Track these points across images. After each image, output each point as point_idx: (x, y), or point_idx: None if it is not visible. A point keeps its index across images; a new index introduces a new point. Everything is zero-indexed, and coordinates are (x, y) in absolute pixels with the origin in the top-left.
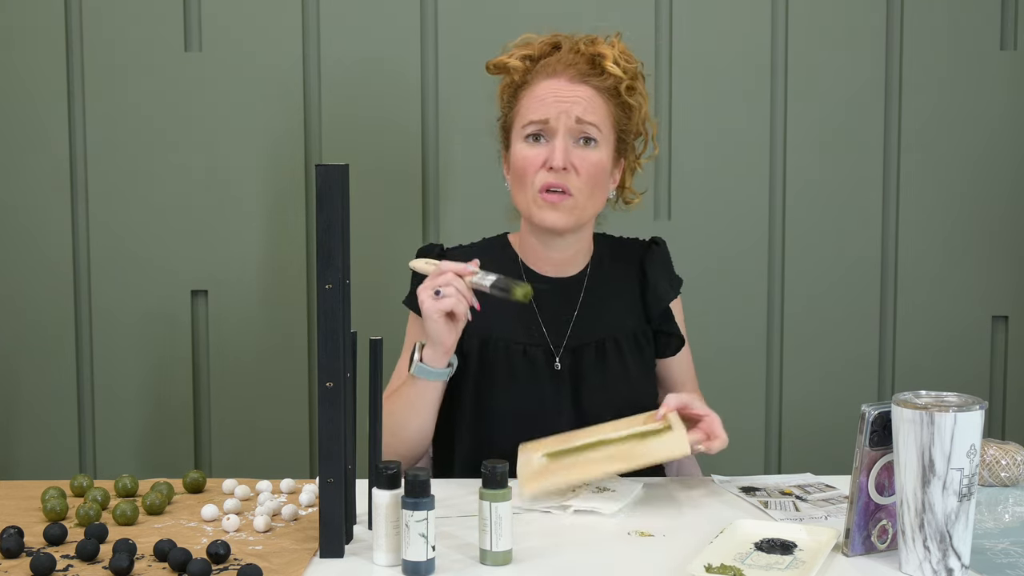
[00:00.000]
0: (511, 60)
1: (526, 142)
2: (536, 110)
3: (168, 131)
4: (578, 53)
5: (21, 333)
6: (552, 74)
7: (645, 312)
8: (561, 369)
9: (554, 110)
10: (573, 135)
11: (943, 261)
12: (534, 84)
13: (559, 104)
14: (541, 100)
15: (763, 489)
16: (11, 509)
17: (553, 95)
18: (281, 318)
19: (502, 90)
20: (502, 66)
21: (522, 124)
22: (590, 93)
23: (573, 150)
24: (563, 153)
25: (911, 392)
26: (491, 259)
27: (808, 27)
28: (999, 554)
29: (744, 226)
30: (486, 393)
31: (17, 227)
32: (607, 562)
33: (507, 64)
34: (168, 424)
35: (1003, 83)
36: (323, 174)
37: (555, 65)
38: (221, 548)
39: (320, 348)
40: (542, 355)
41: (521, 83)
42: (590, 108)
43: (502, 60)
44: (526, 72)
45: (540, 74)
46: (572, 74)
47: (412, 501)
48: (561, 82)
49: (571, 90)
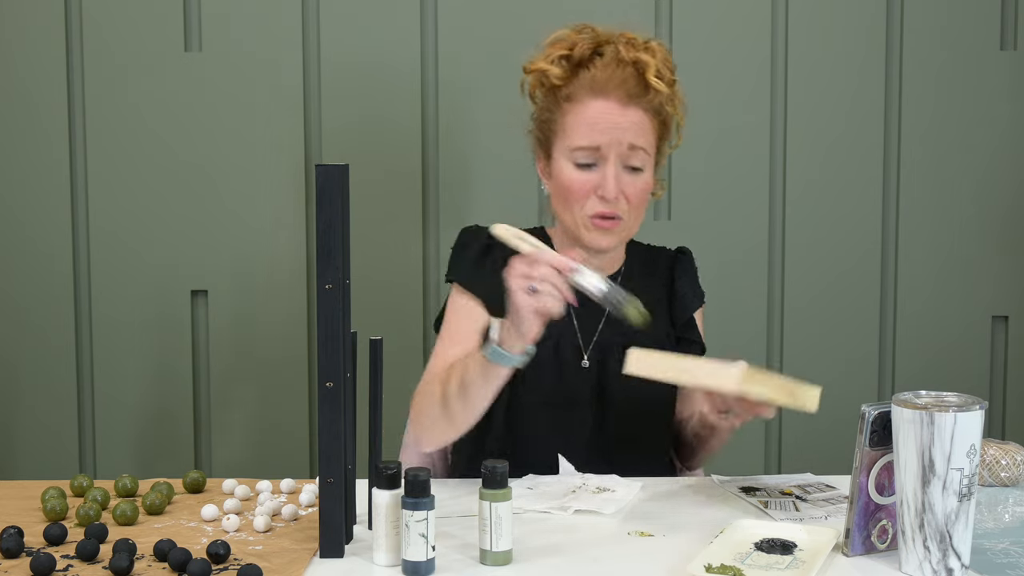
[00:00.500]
0: (551, 67)
1: (576, 167)
2: (587, 135)
3: (168, 131)
4: (622, 63)
5: (21, 333)
6: (601, 93)
7: (671, 318)
8: (589, 367)
9: (606, 138)
10: (623, 160)
11: (943, 261)
12: (581, 101)
13: (611, 132)
14: (592, 126)
15: (763, 489)
16: (11, 509)
17: (605, 120)
18: (281, 318)
19: (534, 87)
20: (541, 72)
21: (571, 146)
22: (639, 117)
23: (623, 176)
24: (616, 184)
25: (911, 392)
26: None
27: (808, 27)
28: (999, 554)
29: (744, 226)
30: (519, 384)
31: (17, 227)
32: (607, 562)
33: (546, 71)
34: (168, 424)
35: (1003, 83)
36: (323, 174)
37: (604, 83)
38: (221, 548)
39: (320, 348)
40: (571, 351)
41: (562, 89)
42: (640, 133)
43: (540, 66)
44: (567, 79)
45: (587, 90)
46: (621, 95)
47: (412, 501)
48: (611, 105)
49: (622, 114)
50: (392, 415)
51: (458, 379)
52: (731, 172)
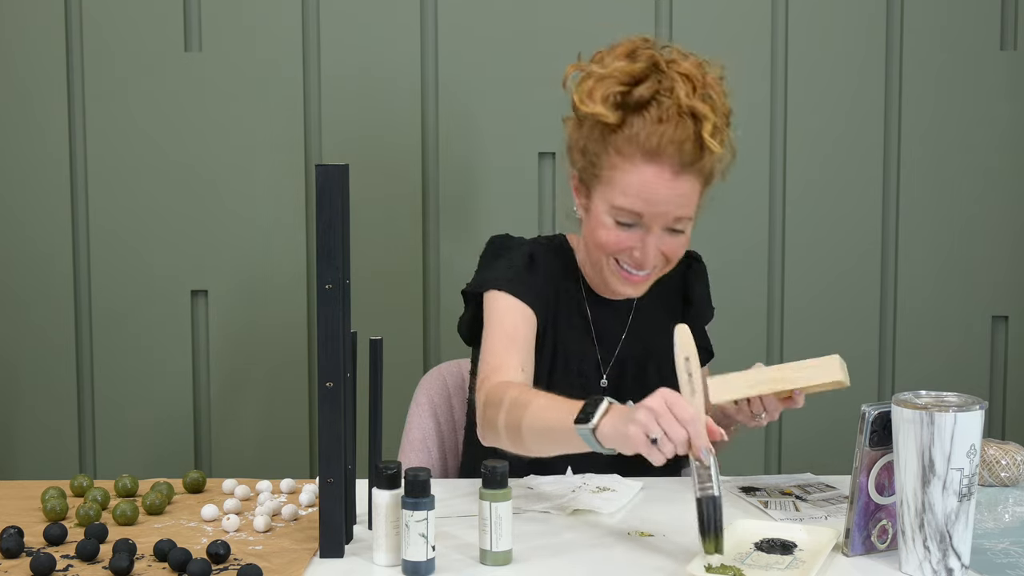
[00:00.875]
0: (605, 112)
1: (616, 223)
2: (633, 202)
3: (168, 131)
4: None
5: (21, 333)
6: (654, 158)
7: None
8: (608, 386)
9: (652, 209)
10: (665, 226)
11: (943, 261)
12: (632, 162)
13: (659, 204)
14: (639, 194)
15: (763, 489)
16: (11, 509)
17: (654, 192)
18: (281, 318)
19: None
20: (596, 117)
21: (613, 203)
22: (688, 187)
23: (663, 238)
24: (655, 253)
25: (911, 392)
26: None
27: (808, 27)
28: (999, 554)
29: (744, 226)
30: None
31: (17, 226)
32: (607, 562)
33: (600, 116)
34: (168, 424)
35: (1003, 83)
36: (323, 174)
37: (658, 147)
38: (221, 548)
39: (320, 348)
40: (592, 370)
41: (614, 135)
42: (687, 203)
43: (591, 108)
44: (619, 123)
45: (640, 150)
46: (675, 162)
47: (412, 501)
48: (663, 173)
49: (673, 186)
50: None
51: (535, 418)
52: (731, 172)
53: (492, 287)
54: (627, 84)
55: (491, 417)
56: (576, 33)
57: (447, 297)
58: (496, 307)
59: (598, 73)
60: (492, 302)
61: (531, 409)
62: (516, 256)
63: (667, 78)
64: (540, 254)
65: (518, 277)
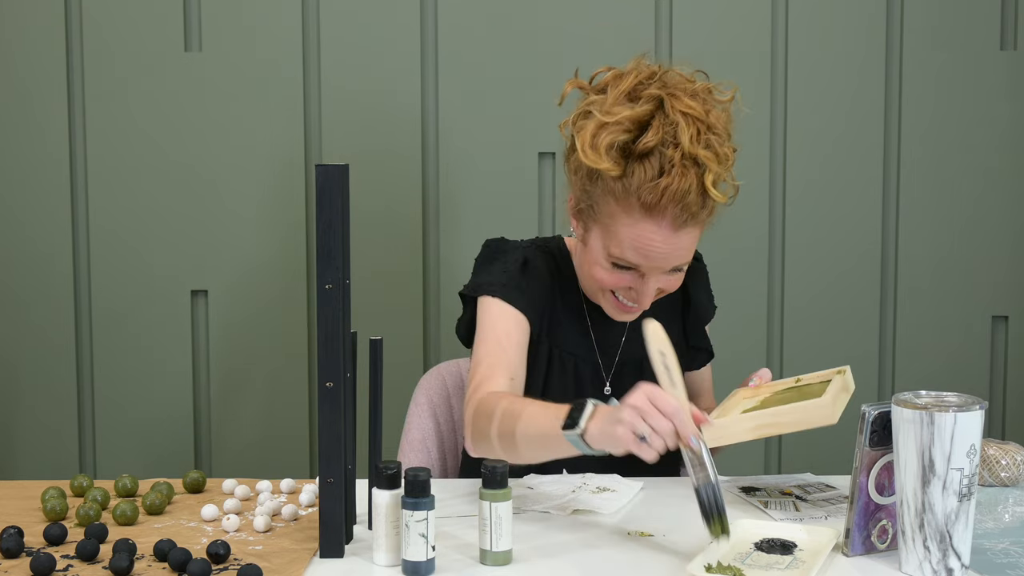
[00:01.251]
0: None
1: (611, 266)
2: (630, 255)
3: (168, 131)
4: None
5: (21, 333)
6: (652, 212)
7: (684, 326)
8: (611, 393)
9: (649, 263)
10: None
11: (943, 261)
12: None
13: (657, 259)
14: (636, 249)
15: (763, 489)
16: (11, 509)
17: (653, 248)
18: (281, 318)
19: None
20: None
21: (610, 251)
22: (689, 240)
23: (662, 278)
24: (649, 297)
25: (911, 392)
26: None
27: (808, 27)
28: (999, 554)
29: (744, 226)
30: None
31: (17, 227)
32: (607, 562)
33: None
34: (168, 424)
35: (1003, 83)
36: (323, 174)
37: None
38: (221, 548)
39: (320, 348)
40: (590, 373)
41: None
42: (687, 254)
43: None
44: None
45: (640, 204)
46: (675, 218)
47: (412, 501)
48: (664, 230)
49: (672, 242)
50: (392, 415)
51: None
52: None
53: (486, 292)
54: (632, 131)
55: (482, 428)
56: (576, 33)
57: (447, 297)
58: (488, 314)
59: (599, 119)
60: (485, 308)
61: (523, 418)
62: (510, 261)
63: (670, 123)
64: (535, 259)
65: (512, 282)
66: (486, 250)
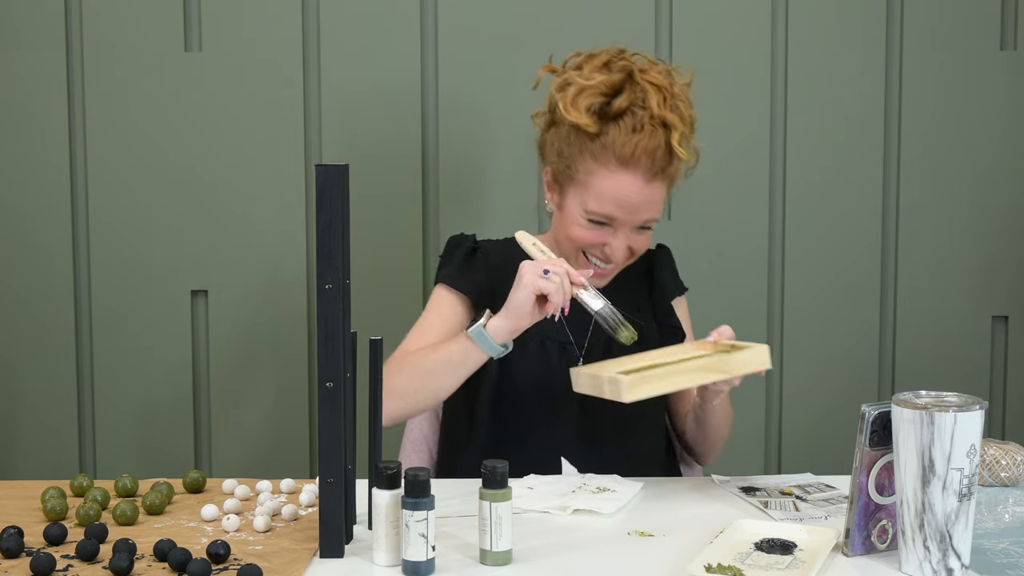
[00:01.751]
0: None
1: (589, 222)
2: (606, 207)
3: (168, 131)
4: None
5: (21, 333)
6: (628, 163)
7: (653, 311)
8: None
9: (624, 215)
10: (635, 226)
11: (943, 261)
12: (608, 168)
13: (631, 211)
14: (613, 200)
15: (763, 489)
16: (11, 509)
17: (628, 198)
18: (281, 318)
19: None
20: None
21: (587, 207)
22: (659, 193)
23: (631, 235)
24: (624, 251)
25: (911, 392)
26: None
27: (808, 27)
28: (999, 554)
29: (744, 226)
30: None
31: (17, 227)
32: (607, 562)
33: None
34: (168, 424)
35: (1003, 83)
36: (323, 174)
37: (633, 154)
38: (221, 548)
39: (320, 348)
40: (557, 349)
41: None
42: (656, 208)
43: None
44: (597, 131)
45: (615, 154)
46: (647, 169)
47: (412, 501)
48: (637, 180)
49: (645, 192)
50: None
51: (432, 357)
52: (731, 172)
53: (438, 281)
54: (607, 95)
55: (393, 381)
56: (576, 33)
57: None
58: (432, 300)
59: (580, 84)
60: (432, 298)
61: (426, 351)
62: (459, 254)
63: (640, 89)
64: (486, 248)
65: (457, 270)
66: (446, 246)
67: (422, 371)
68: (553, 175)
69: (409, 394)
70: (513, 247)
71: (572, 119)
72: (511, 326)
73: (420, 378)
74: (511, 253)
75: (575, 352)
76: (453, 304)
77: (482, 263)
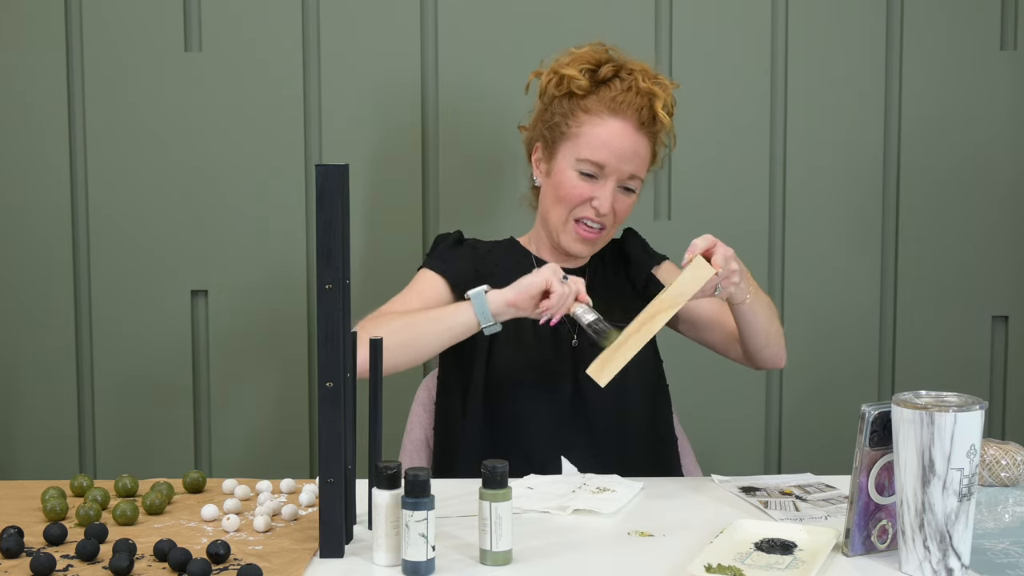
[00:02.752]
0: (578, 76)
1: (579, 175)
2: (598, 152)
3: (168, 131)
4: (639, 91)
5: (21, 333)
6: (619, 113)
7: (633, 287)
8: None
9: (614, 160)
10: (620, 182)
11: (943, 261)
12: (600, 116)
13: (620, 156)
14: (605, 143)
15: (763, 489)
16: (11, 509)
17: (618, 142)
18: (281, 318)
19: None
20: (567, 77)
21: (579, 156)
22: (644, 147)
23: (617, 195)
24: (611, 202)
25: (911, 392)
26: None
27: (808, 28)
28: (999, 554)
29: (744, 226)
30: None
31: (17, 226)
32: (607, 562)
33: (573, 78)
34: (168, 424)
35: (1003, 83)
36: (323, 174)
37: (622, 104)
38: (221, 548)
39: (320, 348)
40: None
41: (582, 100)
42: (641, 164)
43: (568, 72)
44: (588, 91)
45: (606, 107)
46: (636, 120)
47: (412, 501)
48: (627, 127)
49: (633, 140)
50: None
51: (422, 315)
52: (731, 171)
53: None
54: (594, 65)
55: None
56: (577, 34)
57: None
58: (413, 282)
59: (565, 54)
60: (415, 279)
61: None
62: (445, 244)
63: (625, 67)
64: (472, 240)
65: (441, 257)
66: (433, 243)
67: (408, 325)
68: (544, 145)
69: (392, 348)
70: (500, 245)
71: (564, 72)
72: (510, 298)
73: (405, 331)
74: (498, 249)
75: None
76: (435, 286)
77: (468, 252)
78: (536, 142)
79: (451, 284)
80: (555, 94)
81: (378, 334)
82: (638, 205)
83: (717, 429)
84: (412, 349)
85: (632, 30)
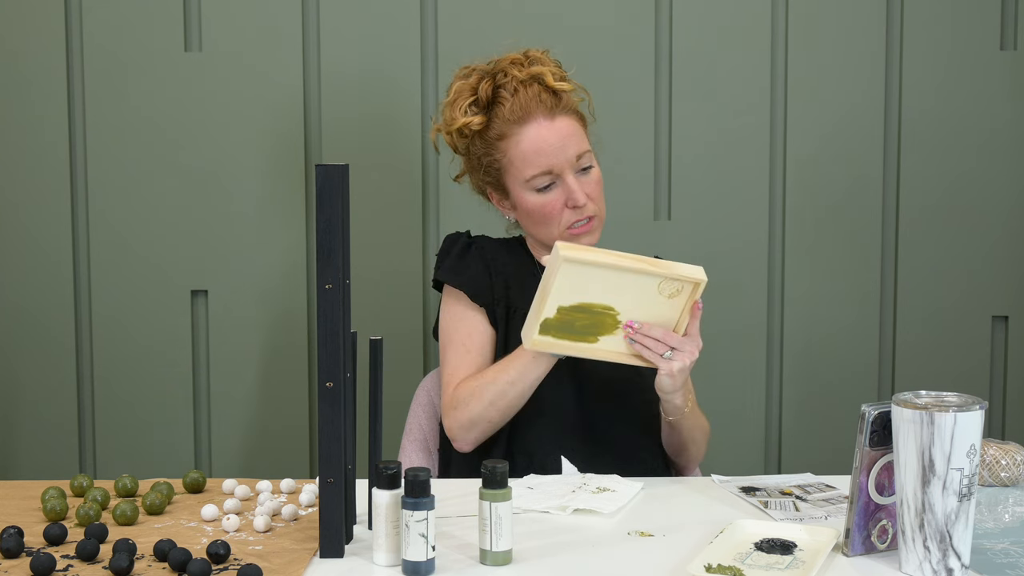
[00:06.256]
0: (468, 119)
1: (538, 192)
2: (535, 163)
3: (168, 131)
4: (524, 84)
5: (21, 333)
6: (525, 119)
7: None
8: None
9: (554, 159)
10: (575, 168)
11: (943, 261)
12: (513, 134)
13: (555, 151)
14: (536, 151)
15: (763, 489)
16: (11, 509)
17: (543, 142)
18: (281, 318)
19: (457, 142)
20: (462, 127)
21: (525, 178)
22: (567, 124)
23: (581, 181)
24: (581, 192)
25: (911, 392)
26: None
27: (808, 28)
28: (999, 554)
29: (744, 226)
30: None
31: (17, 227)
32: (607, 562)
33: (467, 124)
34: (168, 424)
35: (1003, 83)
36: (323, 174)
37: (522, 109)
38: (221, 548)
39: (320, 348)
40: None
41: (488, 132)
42: (577, 138)
43: (459, 123)
44: (487, 121)
45: (511, 123)
46: (543, 111)
47: (412, 501)
48: (540, 124)
49: (555, 129)
50: (392, 415)
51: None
52: (731, 172)
53: (435, 279)
54: (471, 92)
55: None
56: (577, 34)
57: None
58: (449, 314)
59: (446, 103)
60: (446, 306)
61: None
62: (455, 250)
63: (499, 72)
64: (480, 241)
65: (454, 270)
66: (443, 244)
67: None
68: (493, 187)
69: (494, 421)
70: (507, 243)
71: (456, 125)
72: None
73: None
74: (504, 249)
75: None
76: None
77: (477, 257)
78: (486, 188)
79: (470, 294)
80: (466, 143)
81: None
82: (638, 205)
83: (717, 429)
84: (511, 409)
85: (631, 29)
